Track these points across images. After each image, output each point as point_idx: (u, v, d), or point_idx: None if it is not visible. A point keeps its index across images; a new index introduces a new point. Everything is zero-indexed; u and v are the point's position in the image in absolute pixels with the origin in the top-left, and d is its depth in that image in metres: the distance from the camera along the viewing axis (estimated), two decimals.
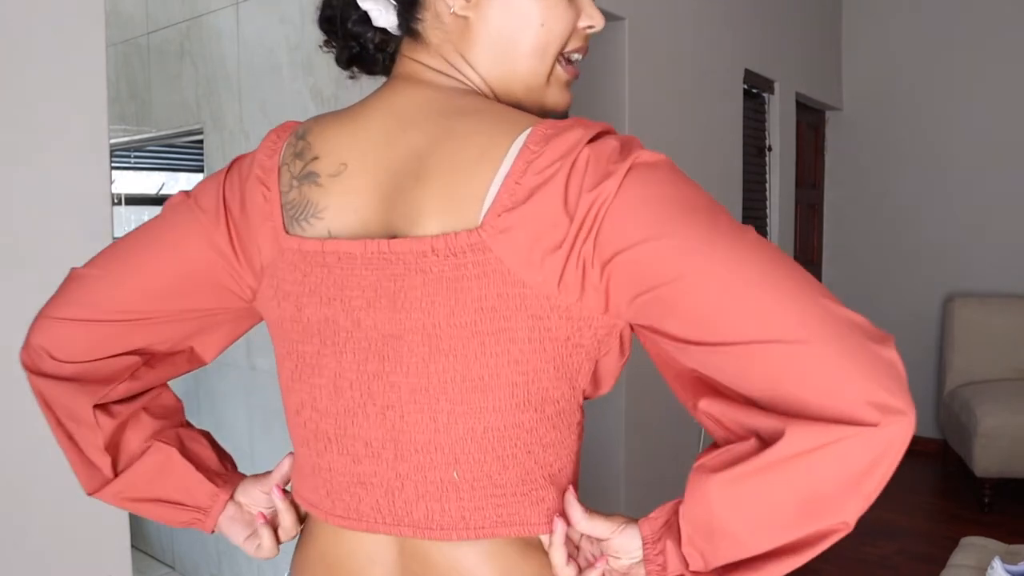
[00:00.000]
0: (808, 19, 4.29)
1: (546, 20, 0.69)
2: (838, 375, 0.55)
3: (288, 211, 0.70)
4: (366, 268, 0.65)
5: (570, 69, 0.73)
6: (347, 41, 0.76)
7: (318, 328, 0.69)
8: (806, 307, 0.56)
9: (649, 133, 2.82)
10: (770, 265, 0.58)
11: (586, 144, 0.60)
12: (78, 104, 1.29)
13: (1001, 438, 3.50)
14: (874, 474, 0.56)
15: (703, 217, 0.59)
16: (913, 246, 4.54)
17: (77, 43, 1.29)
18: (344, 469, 0.69)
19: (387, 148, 0.68)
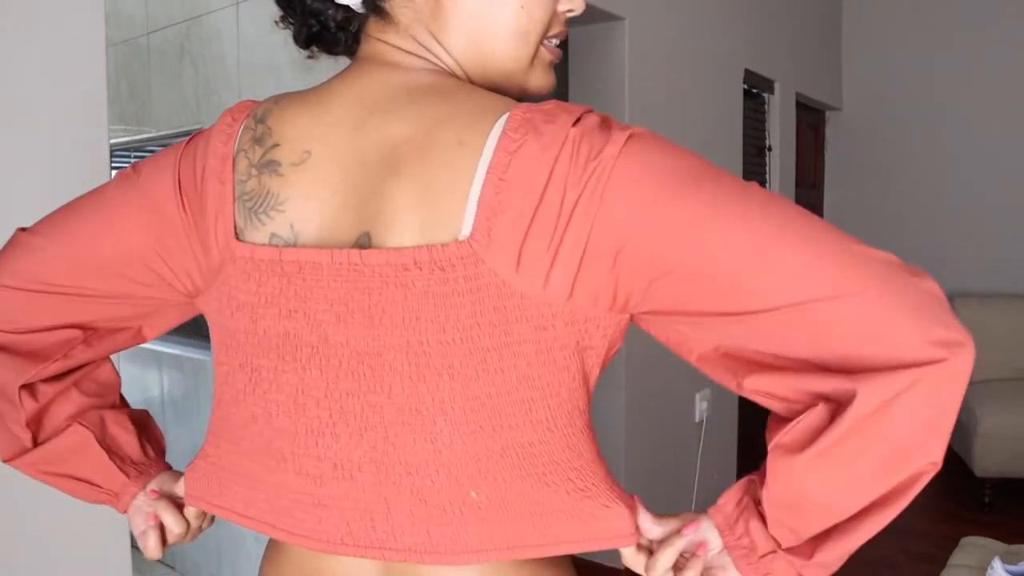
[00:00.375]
0: (808, 19, 4.28)
1: (526, 3, 0.65)
2: (893, 322, 0.53)
3: (245, 202, 0.64)
4: (334, 280, 0.60)
5: (553, 51, 0.70)
6: (306, 18, 0.70)
7: (276, 343, 0.63)
8: (841, 257, 0.54)
9: None
10: (790, 219, 0.55)
11: (572, 126, 0.57)
12: (78, 104, 1.29)
13: (1001, 438, 3.50)
14: (950, 409, 0.55)
15: (709, 183, 0.56)
16: (913, 246, 4.53)
17: (77, 43, 1.29)
18: (300, 489, 0.64)
19: (355, 134, 0.62)
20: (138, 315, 0.77)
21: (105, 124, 1.33)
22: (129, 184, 0.71)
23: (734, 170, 3.49)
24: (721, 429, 3.42)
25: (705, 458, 3.23)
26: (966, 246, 4.38)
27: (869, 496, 0.58)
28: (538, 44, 0.67)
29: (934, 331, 0.53)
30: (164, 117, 2.79)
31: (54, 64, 1.26)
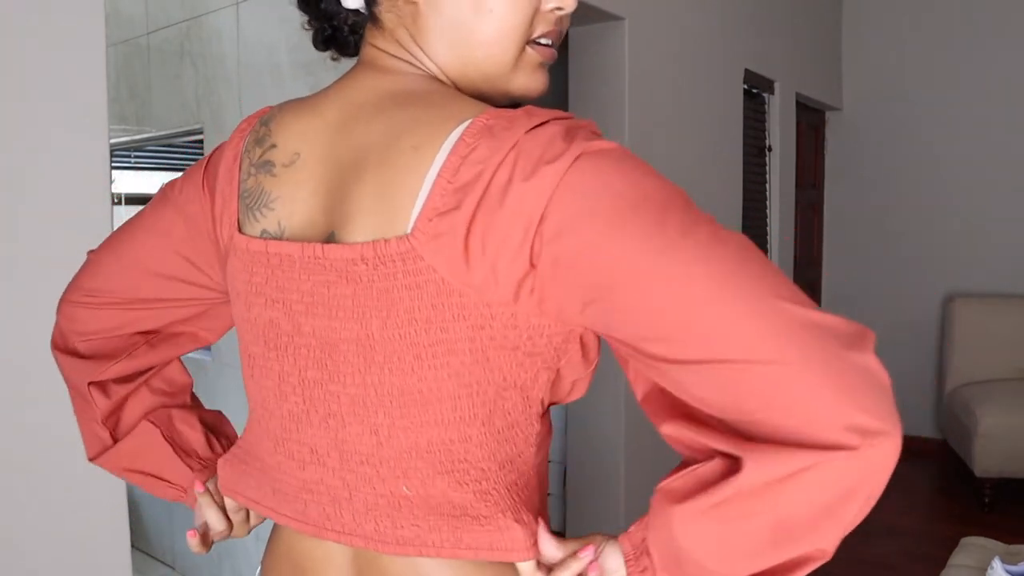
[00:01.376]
0: (808, 19, 4.28)
1: (496, 6, 0.64)
2: (809, 398, 0.49)
3: (244, 200, 0.69)
4: (303, 272, 0.63)
5: (543, 51, 0.68)
6: (321, 22, 0.73)
7: (263, 330, 0.67)
8: (769, 318, 0.51)
9: (649, 133, 2.82)
10: (728, 267, 0.52)
11: (526, 133, 0.56)
12: (78, 104, 1.29)
13: (1001, 438, 3.50)
14: (853, 501, 0.51)
15: (653, 215, 0.54)
16: (913, 246, 4.53)
17: (77, 43, 1.29)
18: (291, 473, 0.68)
19: (337, 138, 0.65)
20: (189, 318, 0.82)
21: (105, 124, 1.33)
22: (168, 191, 0.78)
23: (734, 170, 3.49)
24: None
25: None
26: (966, 246, 4.38)
27: (748, 567, 0.55)
28: (520, 46, 0.66)
29: (853, 416, 0.49)
30: (164, 117, 2.79)
31: (54, 64, 1.26)
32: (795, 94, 4.11)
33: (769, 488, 0.51)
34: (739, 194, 3.54)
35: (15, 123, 1.22)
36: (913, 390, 4.55)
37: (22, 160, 1.23)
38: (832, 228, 4.80)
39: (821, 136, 4.75)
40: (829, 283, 4.82)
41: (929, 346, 4.49)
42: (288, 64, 2.27)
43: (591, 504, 2.80)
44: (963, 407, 3.77)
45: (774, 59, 3.84)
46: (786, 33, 3.98)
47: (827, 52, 4.57)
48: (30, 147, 1.24)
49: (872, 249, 4.66)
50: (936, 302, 4.47)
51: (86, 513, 1.33)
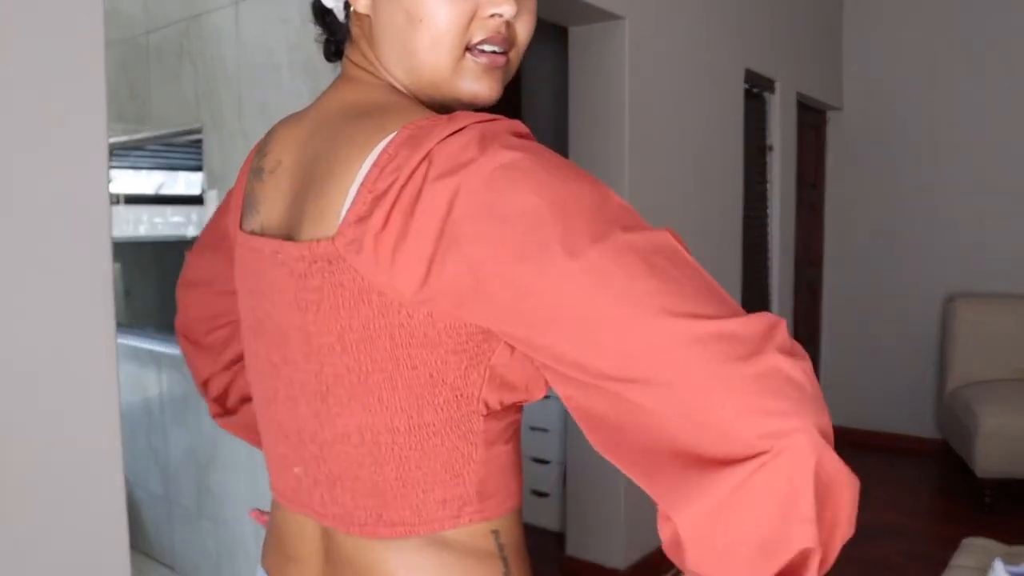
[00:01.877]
0: (808, 19, 4.28)
1: (424, 15, 0.65)
2: (713, 417, 0.50)
3: (245, 202, 0.77)
4: (270, 266, 0.69)
5: (484, 58, 0.68)
6: (328, 34, 0.77)
7: (247, 317, 0.75)
8: (657, 338, 0.51)
9: (649, 133, 2.82)
10: (617, 287, 0.52)
11: (440, 141, 0.58)
12: (77, 103, 1.29)
13: (1002, 438, 3.50)
14: (800, 497, 0.50)
15: (548, 238, 0.54)
16: (913, 246, 4.53)
17: (76, 42, 1.28)
18: (272, 450, 0.76)
19: (306, 146, 0.70)
20: None
21: (105, 124, 1.33)
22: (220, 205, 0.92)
23: (734, 170, 3.48)
24: None
25: None
26: (966, 246, 4.38)
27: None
28: (455, 53, 0.67)
29: (759, 424, 0.49)
30: (164, 116, 2.78)
31: (54, 63, 1.26)
32: (795, 94, 4.11)
33: (713, 523, 0.51)
34: (739, 194, 3.54)
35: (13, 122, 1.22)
36: (913, 390, 4.55)
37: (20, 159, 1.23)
38: (832, 228, 4.80)
39: (821, 136, 4.75)
40: (829, 283, 4.82)
41: (929, 346, 4.49)
42: (288, 64, 2.26)
43: (591, 504, 2.80)
44: (964, 407, 3.77)
45: (774, 59, 3.84)
46: (786, 33, 3.97)
47: (827, 52, 4.57)
48: (28, 146, 1.24)
49: (872, 249, 4.66)
50: (936, 302, 4.47)
51: (86, 513, 1.33)
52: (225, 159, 2.53)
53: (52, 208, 1.26)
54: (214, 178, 2.58)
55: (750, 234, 3.72)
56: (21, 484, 1.25)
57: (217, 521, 2.71)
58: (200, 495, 2.77)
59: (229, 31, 2.46)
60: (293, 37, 2.24)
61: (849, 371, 4.75)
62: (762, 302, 3.93)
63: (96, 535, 1.35)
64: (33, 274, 1.24)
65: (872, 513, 3.62)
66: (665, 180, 2.94)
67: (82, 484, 1.32)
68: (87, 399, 1.32)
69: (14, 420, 1.23)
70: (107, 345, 1.33)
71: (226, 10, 2.46)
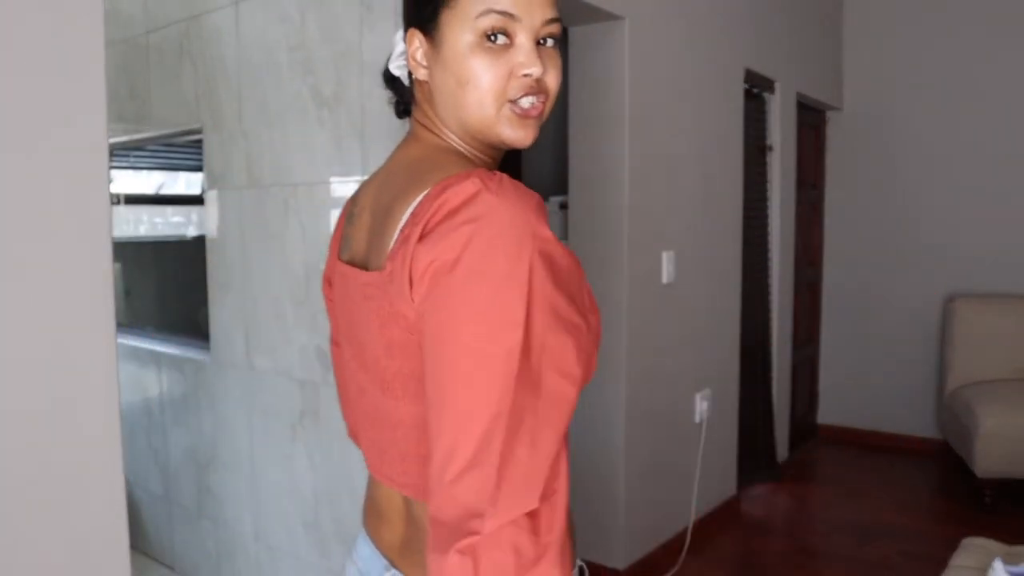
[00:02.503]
0: (808, 19, 4.28)
1: (471, 79, 0.82)
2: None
3: (343, 239, 0.96)
4: (353, 288, 0.87)
5: (518, 110, 0.83)
6: (397, 96, 0.96)
7: (339, 327, 0.97)
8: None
9: (649, 133, 2.82)
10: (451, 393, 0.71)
11: (433, 203, 0.74)
12: (77, 103, 1.29)
13: (1002, 438, 3.50)
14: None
15: (453, 342, 0.71)
16: (913, 246, 4.53)
17: (76, 42, 1.28)
18: (364, 434, 0.94)
19: (378, 195, 0.88)
20: None
21: (105, 124, 1.33)
22: None
23: (734, 170, 3.49)
24: (721, 429, 3.42)
25: (705, 458, 3.23)
26: (966, 246, 4.38)
27: None
28: (496, 107, 0.82)
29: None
30: (164, 117, 2.78)
31: (54, 63, 1.26)
32: (795, 94, 4.11)
33: None
34: (739, 194, 3.54)
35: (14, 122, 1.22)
36: (913, 390, 4.55)
37: (21, 159, 1.23)
38: (832, 228, 4.80)
39: (821, 136, 4.75)
40: (829, 283, 4.82)
41: (929, 346, 4.49)
42: (288, 64, 2.26)
43: (591, 504, 2.80)
44: (964, 407, 3.77)
45: (774, 59, 3.84)
46: (786, 33, 3.97)
47: (827, 52, 4.57)
48: (29, 146, 1.24)
49: (872, 249, 4.66)
50: (936, 302, 4.47)
51: (86, 513, 1.33)
52: (225, 159, 2.53)
53: (53, 208, 1.26)
54: (214, 178, 2.58)
55: (750, 234, 3.72)
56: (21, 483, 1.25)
57: (217, 521, 2.71)
58: (200, 495, 2.77)
59: (229, 31, 2.46)
60: (293, 37, 2.24)
61: (849, 371, 4.75)
62: (762, 302, 3.93)
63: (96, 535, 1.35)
64: (33, 274, 1.24)
65: (872, 513, 3.62)
66: (665, 180, 2.94)
67: (82, 484, 1.32)
68: (87, 399, 1.32)
69: (14, 419, 1.23)
70: (107, 345, 1.33)
71: (226, 10, 2.46)
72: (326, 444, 2.25)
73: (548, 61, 0.84)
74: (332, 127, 2.15)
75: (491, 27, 0.81)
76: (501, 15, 0.80)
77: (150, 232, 3.44)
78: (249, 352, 2.49)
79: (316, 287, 2.24)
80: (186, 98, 2.66)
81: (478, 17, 0.81)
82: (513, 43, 0.82)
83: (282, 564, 2.44)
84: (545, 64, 0.83)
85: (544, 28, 0.83)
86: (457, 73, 0.82)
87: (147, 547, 3.07)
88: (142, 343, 3.03)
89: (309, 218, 2.25)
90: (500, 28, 0.81)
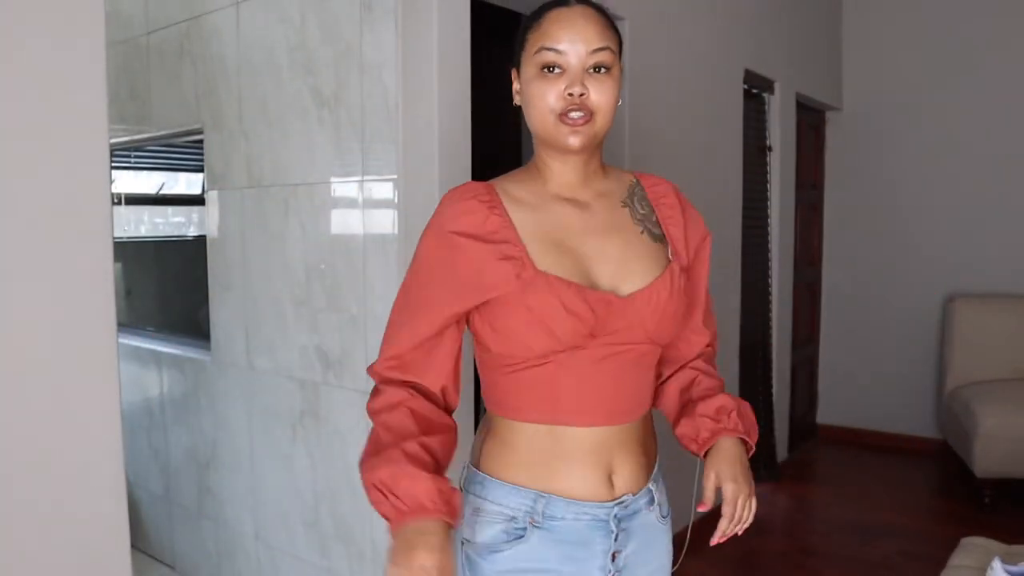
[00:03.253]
0: (808, 19, 4.28)
1: (533, 99, 1.08)
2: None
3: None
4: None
5: (565, 121, 1.06)
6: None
7: None
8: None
9: (649, 133, 2.82)
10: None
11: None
12: (78, 104, 1.29)
13: (1001, 438, 3.50)
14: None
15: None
16: (913, 246, 4.53)
17: (77, 43, 1.29)
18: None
19: None
20: None
21: (105, 124, 1.33)
22: None
23: (734, 170, 3.50)
24: None
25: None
26: (966, 246, 4.38)
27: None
28: (552, 122, 1.07)
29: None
30: (164, 117, 2.79)
31: (54, 64, 1.26)
32: (795, 94, 4.11)
33: None
34: (739, 194, 3.54)
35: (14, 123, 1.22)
36: (913, 390, 4.55)
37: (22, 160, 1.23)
38: (832, 228, 4.80)
39: (821, 136, 4.75)
40: (829, 283, 4.82)
41: (929, 346, 4.49)
42: (288, 64, 2.27)
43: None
44: (963, 407, 3.77)
45: (774, 59, 3.84)
46: (786, 33, 3.98)
47: (827, 52, 4.57)
48: (29, 147, 1.24)
49: (872, 249, 4.66)
50: (936, 302, 4.47)
51: (87, 512, 1.33)
52: (226, 159, 2.53)
53: (54, 208, 1.27)
54: (214, 178, 2.59)
55: (750, 234, 3.72)
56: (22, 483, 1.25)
57: (217, 521, 2.71)
58: (200, 495, 2.77)
59: (229, 31, 2.46)
60: (293, 37, 2.25)
61: (849, 371, 4.75)
62: (762, 302, 3.93)
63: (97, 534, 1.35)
64: (35, 274, 1.24)
65: (872, 513, 3.62)
66: None
67: (83, 483, 1.32)
68: (88, 399, 1.32)
69: (15, 419, 1.23)
70: (108, 345, 1.34)
71: (226, 10, 2.46)
72: (326, 444, 2.25)
73: (594, 84, 1.05)
74: (332, 127, 2.16)
75: (544, 62, 1.06)
76: (551, 51, 1.06)
77: (151, 232, 3.44)
78: (249, 352, 2.49)
79: (316, 287, 2.24)
80: (186, 98, 2.66)
81: (536, 53, 1.07)
82: (565, 72, 1.06)
83: (282, 564, 2.44)
84: (589, 86, 1.05)
85: (591, 57, 1.05)
86: (526, 96, 1.09)
87: (147, 546, 3.07)
88: (143, 343, 3.03)
89: (309, 218, 2.26)
90: (551, 62, 1.06)
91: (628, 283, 1.07)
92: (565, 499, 1.08)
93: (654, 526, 1.17)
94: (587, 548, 1.09)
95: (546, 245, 1.06)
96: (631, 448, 1.13)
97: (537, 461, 1.08)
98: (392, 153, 2.01)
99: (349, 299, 2.15)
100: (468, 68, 2.06)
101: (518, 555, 1.08)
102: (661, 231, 1.16)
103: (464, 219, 1.05)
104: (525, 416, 1.09)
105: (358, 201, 2.12)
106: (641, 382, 1.13)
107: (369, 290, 2.10)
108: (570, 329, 1.02)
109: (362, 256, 2.12)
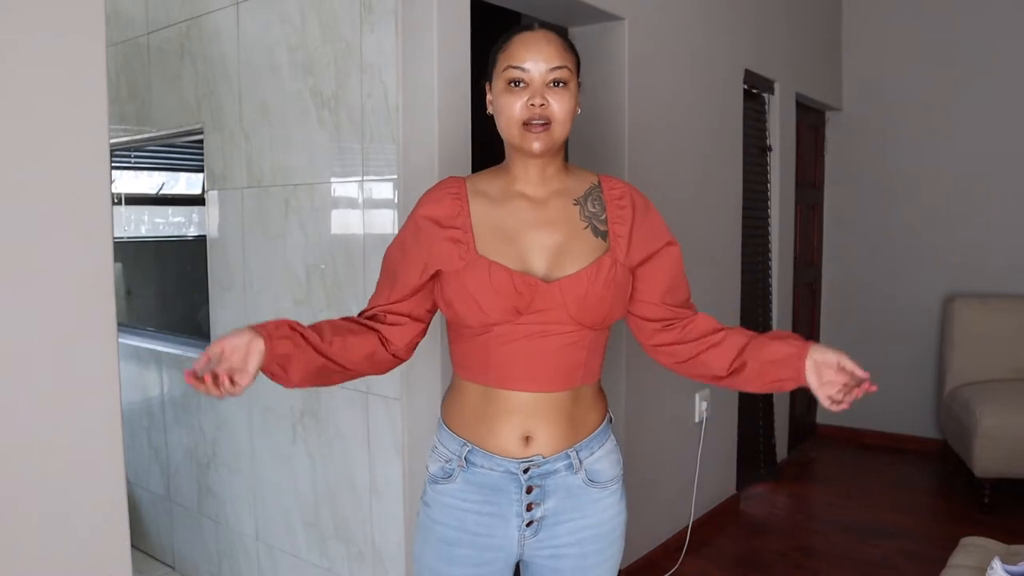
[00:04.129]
0: (808, 19, 4.29)
1: (502, 110, 1.25)
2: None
3: None
4: None
5: (529, 129, 1.23)
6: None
7: None
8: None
9: (649, 134, 2.82)
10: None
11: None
12: (78, 104, 1.29)
13: (1001, 438, 3.50)
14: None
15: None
16: (913, 246, 4.54)
17: (77, 43, 1.29)
18: None
19: None
20: None
21: (105, 124, 1.33)
22: None
23: (734, 170, 3.50)
24: (721, 429, 3.42)
25: (704, 458, 3.23)
26: (966, 246, 4.38)
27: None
28: (517, 129, 1.24)
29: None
30: (164, 117, 2.79)
31: (54, 64, 1.26)
32: (795, 94, 4.11)
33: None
34: (739, 194, 3.54)
35: (15, 123, 1.22)
36: (913, 390, 4.55)
37: (22, 160, 1.23)
38: (832, 228, 4.81)
39: (821, 136, 4.75)
40: (829, 283, 4.82)
41: (929, 346, 4.49)
42: (288, 64, 2.27)
43: None
44: (963, 407, 3.77)
45: (774, 59, 3.84)
46: (786, 33, 3.98)
47: (827, 52, 4.57)
48: (30, 147, 1.24)
49: (872, 249, 4.66)
50: (936, 302, 4.47)
51: (87, 512, 1.33)
52: (226, 159, 2.53)
53: (54, 208, 1.27)
54: (215, 178, 2.59)
55: (750, 234, 3.72)
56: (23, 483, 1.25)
57: (217, 520, 2.71)
58: (200, 495, 2.78)
59: (229, 31, 2.46)
60: (293, 37, 2.25)
61: None
62: (762, 302, 3.93)
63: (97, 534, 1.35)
64: (35, 274, 1.24)
65: (872, 513, 3.62)
66: (665, 180, 2.94)
67: (83, 483, 1.32)
68: (88, 399, 1.32)
69: (15, 419, 1.23)
70: (108, 345, 1.34)
71: (226, 10, 2.46)
72: (326, 444, 2.25)
73: (553, 96, 1.22)
74: (332, 127, 2.16)
75: (511, 77, 1.23)
76: (516, 68, 1.23)
77: (151, 232, 3.44)
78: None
79: (316, 287, 2.24)
80: (187, 98, 2.66)
81: (504, 71, 1.24)
82: (528, 86, 1.23)
83: (282, 564, 2.44)
84: (549, 98, 1.22)
85: (550, 74, 1.22)
86: (496, 106, 1.27)
87: (148, 546, 3.08)
88: (143, 343, 3.03)
89: (309, 218, 2.26)
90: (517, 77, 1.23)
91: (560, 271, 1.24)
92: (484, 451, 1.28)
93: (579, 488, 1.31)
94: (502, 495, 1.29)
95: (494, 233, 1.25)
96: (553, 416, 1.28)
97: (471, 415, 1.30)
98: (392, 153, 2.02)
99: (349, 299, 2.16)
100: (468, 68, 2.06)
101: (450, 490, 1.31)
102: (607, 228, 1.29)
103: (431, 207, 1.28)
104: (468, 376, 1.30)
105: (358, 201, 2.12)
106: (571, 359, 1.28)
107: (369, 290, 2.09)
108: (497, 306, 1.20)
109: (362, 256, 2.12)
